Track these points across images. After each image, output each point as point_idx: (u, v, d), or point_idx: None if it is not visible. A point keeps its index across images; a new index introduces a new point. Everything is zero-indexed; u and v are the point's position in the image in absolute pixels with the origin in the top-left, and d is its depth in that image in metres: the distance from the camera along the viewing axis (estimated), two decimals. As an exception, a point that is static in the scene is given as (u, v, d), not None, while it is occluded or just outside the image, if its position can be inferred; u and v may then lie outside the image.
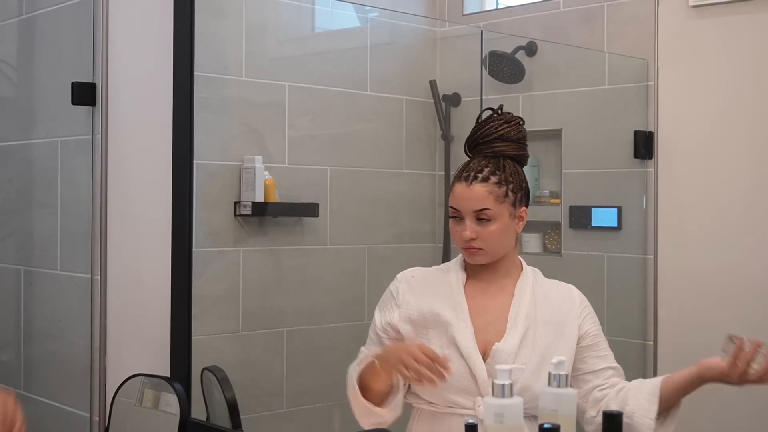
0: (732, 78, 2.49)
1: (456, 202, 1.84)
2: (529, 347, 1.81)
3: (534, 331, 1.83)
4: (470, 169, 1.83)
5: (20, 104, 3.02)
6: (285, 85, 2.79)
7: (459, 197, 1.83)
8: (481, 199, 1.80)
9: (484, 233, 1.81)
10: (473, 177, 1.82)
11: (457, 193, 1.83)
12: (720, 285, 2.50)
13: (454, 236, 1.87)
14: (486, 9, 3.29)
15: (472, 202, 1.81)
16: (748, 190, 2.47)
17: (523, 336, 1.82)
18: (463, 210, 1.82)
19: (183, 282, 2.37)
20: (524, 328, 1.83)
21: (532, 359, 1.80)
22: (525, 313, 1.85)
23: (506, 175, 1.83)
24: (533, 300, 1.87)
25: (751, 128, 2.46)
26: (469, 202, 1.81)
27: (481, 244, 1.82)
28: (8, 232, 3.05)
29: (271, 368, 2.77)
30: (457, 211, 1.84)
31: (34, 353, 2.89)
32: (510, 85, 3.00)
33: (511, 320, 1.84)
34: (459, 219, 1.84)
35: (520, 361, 1.78)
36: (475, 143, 1.87)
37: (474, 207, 1.81)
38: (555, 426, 1.32)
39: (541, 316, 1.85)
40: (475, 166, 1.84)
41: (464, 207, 1.82)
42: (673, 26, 2.59)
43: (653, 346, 2.64)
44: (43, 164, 2.86)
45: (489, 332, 1.83)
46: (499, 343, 1.81)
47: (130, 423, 2.40)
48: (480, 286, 1.89)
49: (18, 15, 2.95)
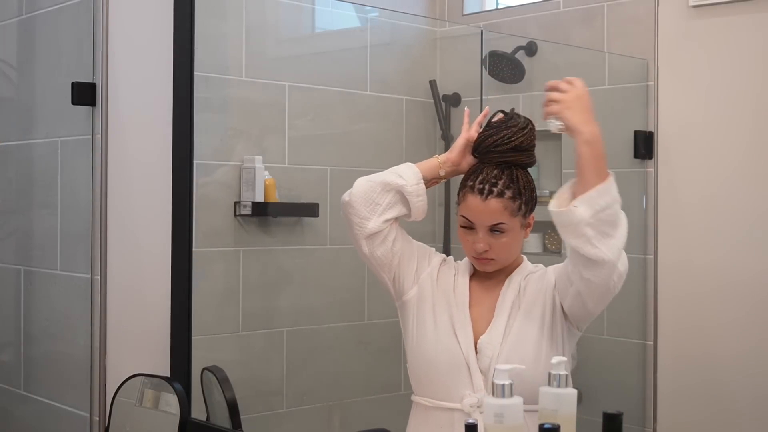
0: (732, 78, 2.49)
1: (470, 214, 1.82)
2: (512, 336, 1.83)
3: (514, 320, 1.84)
4: (484, 181, 1.81)
5: (20, 104, 3.02)
6: (285, 85, 2.79)
7: (474, 210, 1.81)
8: (497, 214, 1.80)
9: (497, 245, 1.82)
10: (488, 191, 1.80)
11: (472, 206, 1.82)
12: (720, 285, 2.50)
13: (465, 246, 1.86)
14: (486, 9, 3.29)
15: (488, 216, 1.80)
16: (748, 190, 2.47)
17: (506, 326, 1.83)
18: (478, 223, 1.81)
19: (183, 282, 2.37)
20: (507, 317, 1.84)
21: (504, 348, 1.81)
22: (510, 303, 1.85)
23: (520, 187, 1.82)
24: (520, 290, 1.87)
25: (751, 128, 2.46)
26: (485, 217, 1.80)
27: (493, 255, 1.83)
28: (8, 232, 3.05)
29: (271, 368, 2.77)
30: (469, 221, 1.83)
31: (34, 353, 2.89)
32: (510, 85, 3.00)
33: (497, 311, 1.85)
34: (471, 230, 1.83)
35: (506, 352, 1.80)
36: (487, 150, 1.85)
37: (489, 222, 1.80)
38: (555, 426, 1.32)
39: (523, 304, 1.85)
40: (488, 177, 1.81)
41: (479, 221, 1.81)
42: (673, 26, 2.59)
43: (653, 345, 2.64)
44: (43, 164, 2.86)
45: (481, 324, 1.86)
46: (484, 335, 1.83)
47: (130, 423, 2.40)
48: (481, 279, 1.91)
49: (18, 15, 2.95)
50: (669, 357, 2.61)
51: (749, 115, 2.46)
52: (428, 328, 1.88)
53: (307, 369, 2.83)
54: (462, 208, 1.85)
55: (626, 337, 2.70)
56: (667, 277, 2.62)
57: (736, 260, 2.47)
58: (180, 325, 2.38)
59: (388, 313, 3.02)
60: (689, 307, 2.57)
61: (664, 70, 2.61)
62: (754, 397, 2.43)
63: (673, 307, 2.61)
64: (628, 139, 2.70)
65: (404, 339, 1.95)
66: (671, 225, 2.62)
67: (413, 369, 1.91)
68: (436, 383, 1.86)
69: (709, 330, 2.53)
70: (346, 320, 2.95)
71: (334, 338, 2.91)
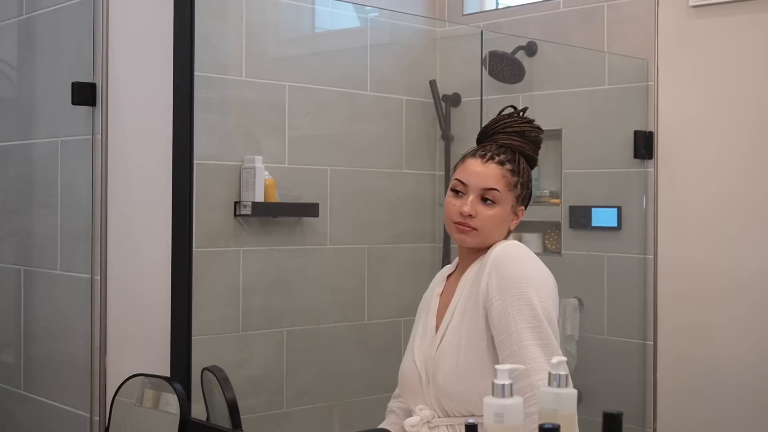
0: (732, 78, 2.49)
1: (465, 175, 1.79)
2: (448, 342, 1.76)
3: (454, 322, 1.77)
4: (487, 150, 1.80)
5: (20, 104, 3.02)
6: (285, 85, 2.79)
7: (470, 171, 1.79)
8: (494, 178, 1.77)
9: (484, 214, 1.77)
10: (490, 156, 1.79)
11: (470, 167, 1.79)
12: (720, 285, 2.50)
13: (449, 211, 1.80)
14: (486, 9, 3.29)
15: (485, 179, 1.77)
16: (747, 189, 2.47)
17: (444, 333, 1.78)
18: (471, 185, 1.78)
19: (183, 282, 2.37)
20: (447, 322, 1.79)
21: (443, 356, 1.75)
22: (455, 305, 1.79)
23: (520, 169, 1.81)
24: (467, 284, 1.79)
25: (751, 128, 2.46)
26: (481, 179, 1.77)
27: (476, 224, 1.77)
28: (8, 232, 3.05)
29: (271, 368, 2.77)
30: (463, 185, 1.79)
31: (34, 353, 2.89)
32: (510, 85, 3.00)
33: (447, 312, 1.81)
34: (461, 195, 1.79)
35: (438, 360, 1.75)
36: (494, 131, 1.84)
37: (484, 184, 1.77)
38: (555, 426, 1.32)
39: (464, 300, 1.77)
40: (491, 148, 1.80)
41: (473, 182, 1.78)
42: (673, 26, 2.59)
43: (653, 346, 2.64)
44: (43, 164, 2.86)
45: None
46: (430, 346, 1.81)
47: (130, 423, 2.40)
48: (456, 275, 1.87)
49: (18, 15, 2.95)
50: (669, 357, 2.61)
51: (749, 114, 2.46)
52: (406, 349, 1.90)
53: (307, 369, 2.84)
54: (458, 172, 1.81)
55: (626, 337, 2.70)
56: (667, 276, 2.62)
57: (736, 259, 2.47)
58: (180, 325, 2.37)
59: (388, 313, 3.04)
60: (689, 307, 2.57)
61: (664, 70, 2.61)
62: (754, 397, 2.43)
63: (673, 306, 2.61)
64: (628, 139, 2.70)
65: None
66: (671, 225, 2.62)
67: None
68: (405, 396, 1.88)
69: (709, 329, 2.53)
70: (346, 320, 2.95)
71: (334, 338, 2.91)
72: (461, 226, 1.78)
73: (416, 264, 3.16)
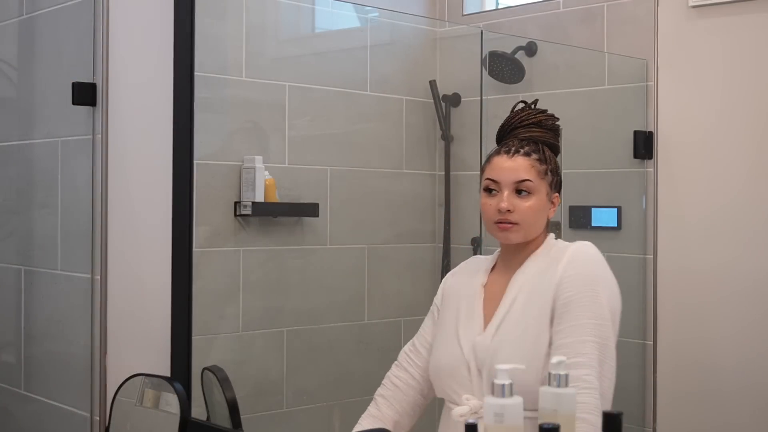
0: (731, 78, 2.49)
1: (496, 172, 1.78)
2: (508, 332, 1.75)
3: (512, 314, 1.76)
4: (510, 145, 1.80)
5: (20, 104, 3.02)
6: (285, 85, 2.79)
7: (500, 168, 1.78)
8: (524, 169, 1.77)
9: (522, 207, 1.76)
10: (515, 150, 1.78)
11: (498, 164, 1.78)
12: (720, 284, 2.50)
13: (487, 212, 1.79)
14: (486, 9, 3.29)
15: (516, 172, 1.77)
16: (747, 189, 2.47)
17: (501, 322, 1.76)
18: (503, 181, 1.77)
19: (183, 282, 2.37)
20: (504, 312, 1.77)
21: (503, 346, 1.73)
22: (513, 297, 1.77)
23: (547, 157, 1.81)
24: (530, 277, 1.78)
25: (751, 128, 2.46)
26: (512, 173, 1.77)
27: (516, 218, 1.76)
28: (8, 232, 3.05)
29: (271, 368, 2.77)
30: (495, 183, 1.78)
31: (34, 353, 2.89)
32: (510, 85, 3.00)
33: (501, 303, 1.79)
34: (495, 193, 1.78)
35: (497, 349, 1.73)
36: (512, 127, 1.84)
37: (516, 178, 1.77)
38: (555, 426, 1.32)
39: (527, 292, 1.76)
40: (514, 143, 1.80)
41: (505, 177, 1.77)
42: (673, 26, 2.59)
43: (653, 346, 2.64)
44: (43, 164, 2.86)
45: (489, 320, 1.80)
46: (479, 336, 1.79)
47: (131, 423, 2.40)
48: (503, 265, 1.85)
49: (18, 15, 2.95)
50: (669, 357, 2.61)
51: (749, 114, 2.46)
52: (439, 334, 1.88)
53: (307, 369, 2.84)
54: (487, 172, 1.80)
55: (626, 337, 2.69)
56: (666, 277, 2.63)
57: (736, 260, 2.47)
58: (180, 325, 2.37)
59: (388, 313, 3.04)
60: (689, 308, 2.57)
61: (664, 70, 2.61)
62: (753, 396, 2.44)
63: (673, 307, 2.61)
64: (628, 139, 2.71)
65: None
66: (671, 225, 2.62)
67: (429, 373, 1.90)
68: (443, 386, 1.84)
69: (709, 330, 2.53)
70: (346, 320, 2.95)
71: (334, 338, 2.91)
72: (502, 224, 1.78)
73: (416, 264, 3.16)
